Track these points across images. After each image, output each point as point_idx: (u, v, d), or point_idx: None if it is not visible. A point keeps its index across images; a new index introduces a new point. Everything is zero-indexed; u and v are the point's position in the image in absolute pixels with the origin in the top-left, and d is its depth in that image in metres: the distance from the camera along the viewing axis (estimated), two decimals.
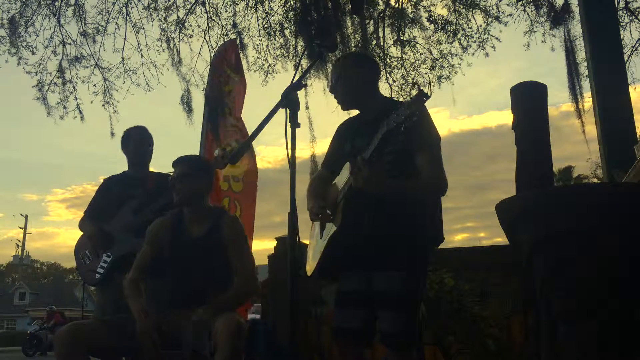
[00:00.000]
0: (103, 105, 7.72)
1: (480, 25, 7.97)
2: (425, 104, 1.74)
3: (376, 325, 2.10)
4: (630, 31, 7.47)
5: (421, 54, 8.33)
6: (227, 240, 2.53)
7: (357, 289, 2.11)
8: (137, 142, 3.22)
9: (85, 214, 3.24)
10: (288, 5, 8.02)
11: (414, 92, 1.77)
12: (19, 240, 42.35)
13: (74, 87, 7.70)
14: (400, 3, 8.15)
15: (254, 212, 4.71)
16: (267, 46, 8.22)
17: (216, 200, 4.15)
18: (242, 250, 2.56)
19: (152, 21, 7.94)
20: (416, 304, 2.07)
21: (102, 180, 3.37)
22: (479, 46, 7.92)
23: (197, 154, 4.24)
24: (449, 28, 8.05)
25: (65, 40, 7.68)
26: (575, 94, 6.38)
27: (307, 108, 7.55)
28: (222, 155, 3.12)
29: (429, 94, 1.72)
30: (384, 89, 8.48)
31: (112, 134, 7.59)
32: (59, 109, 7.64)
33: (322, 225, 2.22)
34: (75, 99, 7.71)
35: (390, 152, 1.97)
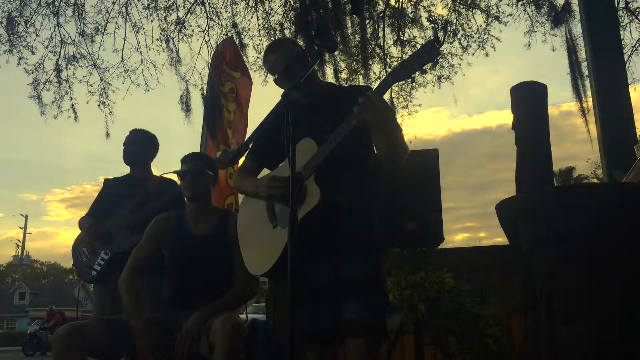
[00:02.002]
0: (99, 105, 7.73)
1: (480, 25, 7.98)
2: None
3: (341, 317, 1.91)
4: (630, 31, 7.48)
5: None
6: (232, 238, 2.53)
7: (324, 279, 1.95)
8: (126, 143, 3.26)
9: (86, 214, 3.26)
10: (288, 5, 8.02)
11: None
12: (19, 240, 42.34)
13: (69, 87, 7.72)
14: (400, 3, 8.15)
15: None
16: None
17: (220, 198, 4.15)
18: None
19: (151, 21, 7.96)
20: (385, 287, 2.01)
21: (102, 180, 3.40)
22: (479, 46, 7.93)
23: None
24: (449, 28, 8.05)
25: (63, 39, 7.69)
26: (578, 93, 6.39)
27: None
28: (225, 156, 3.14)
29: (442, 40, 1.73)
30: None
31: (107, 135, 7.61)
32: (52, 108, 7.65)
33: (271, 217, 2.05)
34: (71, 98, 7.73)
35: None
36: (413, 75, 1.78)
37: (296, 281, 1.60)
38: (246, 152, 2.15)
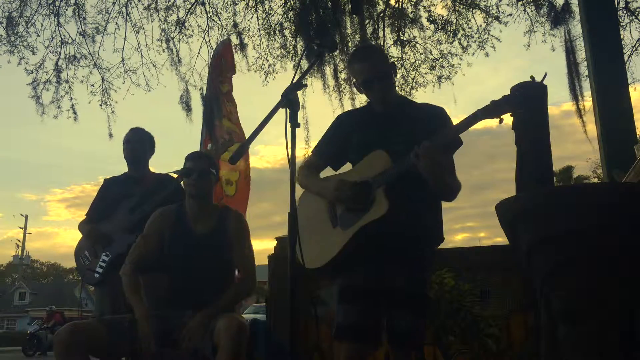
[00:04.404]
0: (101, 105, 7.73)
1: (480, 25, 7.98)
2: None
3: (386, 324, 2.06)
4: (630, 31, 7.48)
5: (421, 54, 8.34)
6: (232, 235, 2.54)
7: (373, 284, 2.06)
8: (126, 141, 3.27)
9: (86, 216, 3.27)
10: (288, 5, 8.02)
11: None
12: (19, 240, 42.33)
13: (69, 87, 7.71)
14: (400, 3, 8.15)
15: (245, 215, 4.73)
16: (267, 46, 8.23)
17: (216, 200, 4.15)
18: (244, 246, 2.57)
19: (152, 21, 7.95)
20: (429, 304, 2.16)
21: (101, 180, 3.41)
22: (479, 46, 7.93)
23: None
24: (449, 28, 8.06)
25: (64, 39, 7.69)
26: (575, 94, 6.39)
27: (304, 108, 7.56)
28: (215, 149, 3.15)
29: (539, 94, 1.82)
30: None
31: (111, 135, 7.60)
32: (52, 108, 7.64)
33: (332, 215, 2.15)
34: (71, 98, 7.72)
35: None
36: (502, 117, 1.89)
37: (296, 283, 1.61)
38: (251, 146, 2.21)
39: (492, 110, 1.89)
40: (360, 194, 2.06)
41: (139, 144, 3.25)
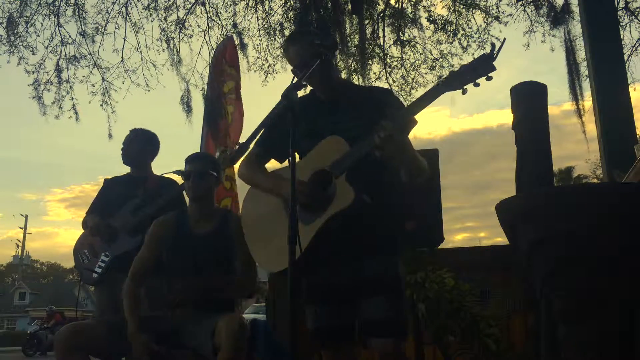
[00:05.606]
0: (101, 105, 7.75)
1: (480, 25, 7.99)
2: None
3: (363, 317, 1.95)
4: (630, 31, 7.51)
5: (421, 54, 8.35)
6: (235, 236, 2.54)
7: (345, 279, 1.96)
8: (125, 142, 3.25)
9: (87, 213, 3.26)
10: (288, 5, 8.03)
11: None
12: (19, 240, 42.23)
13: (70, 87, 7.73)
14: (400, 3, 8.15)
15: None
16: (267, 46, 8.24)
17: (216, 200, 4.15)
18: (247, 247, 2.57)
19: (152, 21, 7.96)
20: (404, 288, 2.05)
21: (101, 180, 3.39)
22: (479, 46, 7.94)
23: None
24: (449, 28, 8.07)
25: (64, 39, 7.70)
26: (575, 94, 6.40)
27: None
28: (224, 157, 3.13)
29: (494, 55, 1.70)
30: None
31: (110, 136, 7.61)
32: (53, 108, 7.66)
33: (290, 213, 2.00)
34: (72, 98, 7.73)
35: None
36: (465, 87, 1.76)
37: (296, 283, 1.60)
38: (250, 146, 2.10)
39: (452, 81, 1.77)
40: (320, 185, 1.91)
41: (133, 145, 3.23)
